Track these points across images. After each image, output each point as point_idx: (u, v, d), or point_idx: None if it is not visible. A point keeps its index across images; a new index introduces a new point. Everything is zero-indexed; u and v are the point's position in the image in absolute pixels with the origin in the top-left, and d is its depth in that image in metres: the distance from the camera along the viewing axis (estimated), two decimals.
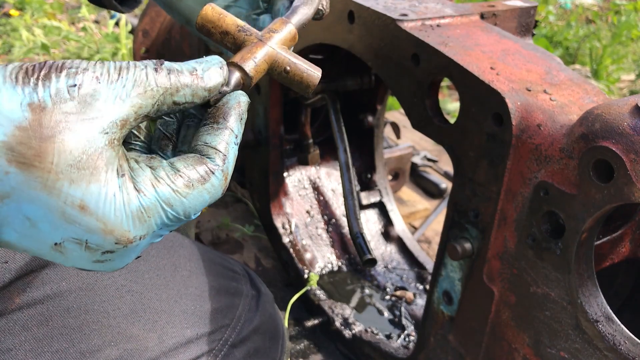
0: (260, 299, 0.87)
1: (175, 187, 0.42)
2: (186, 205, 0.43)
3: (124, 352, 0.68)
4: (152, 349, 0.70)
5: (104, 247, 0.41)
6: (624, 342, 0.58)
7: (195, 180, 0.43)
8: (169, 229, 0.45)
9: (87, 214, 0.39)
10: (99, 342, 0.67)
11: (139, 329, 0.70)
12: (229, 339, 0.79)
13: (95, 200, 0.39)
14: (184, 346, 0.73)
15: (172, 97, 0.43)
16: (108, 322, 0.68)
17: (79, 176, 0.38)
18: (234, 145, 0.46)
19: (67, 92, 0.38)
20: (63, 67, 0.39)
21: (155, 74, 0.42)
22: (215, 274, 0.83)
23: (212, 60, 0.46)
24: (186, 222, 0.46)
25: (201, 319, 0.77)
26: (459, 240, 0.74)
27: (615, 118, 0.53)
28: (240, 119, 0.47)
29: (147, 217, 0.42)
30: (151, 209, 0.42)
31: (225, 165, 0.45)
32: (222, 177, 0.45)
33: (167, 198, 0.42)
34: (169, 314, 0.74)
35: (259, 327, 0.84)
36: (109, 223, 0.40)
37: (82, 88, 0.39)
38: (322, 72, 0.53)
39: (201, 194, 0.44)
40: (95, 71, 0.40)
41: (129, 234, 0.41)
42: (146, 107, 0.42)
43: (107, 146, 0.40)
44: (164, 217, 0.43)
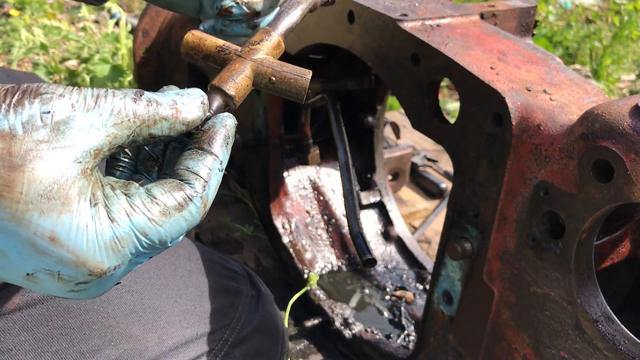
0: (260, 299, 0.87)
1: (150, 215, 0.41)
2: (162, 234, 0.42)
3: (124, 352, 0.68)
4: (152, 349, 0.70)
5: (77, 279, 0.40)
6: (623, 342, 0.58)
7: (172, 207, 0.42)
8: (146, 257, 0.44)
9: (58, 245, 0.38)
10: (99, 342, 0.67)
11: (139, 329, 0.70)
12: (228, 339, 0.79)
13: (66, 232, 0.38)
14: (184, 346, 0.73)
15: (149, 130, 0.42)
16: (108, 322, 0.68)
17: (50, 207, 0.37)
18: (217, 171, 0.45)
19: (40, 120, 0.37)
20: (37, 93, 0.38)
21: (134, 104, 0.41)
22: (215, 274, 0.83)
23: (193, 93, 0.45)
24: (163, 249, 0.44)
25: (201, 319, 0.77)
26: (459, 240, 0.74)
27: (616, 118, 0.53)
28: (226, 143, 0.46)
29: (121, 247, 0.40)
30: (125, 239, 0.40)
31: (205, 192, 0.44)
32: (200, 205, 0.43)
33: (142, 227, 0.41)
34: (168, 314, 0.74)
35: (259, 327, 0.84)
36: (81, 255, 0.39)
37: (56, 115, 0.37)
38: (322, 72, 0.53)
39: (178, 221, 0.42)
40: (72, 98, 0.39)
41: (103, 265, 0.40)
42: (121, 138, 0.40)
43: (79, 175, 0.38)
44: (139, 246, 0.41)
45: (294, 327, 1.22)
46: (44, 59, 2.56)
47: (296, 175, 1.37)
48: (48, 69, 2.34)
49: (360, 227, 0.94)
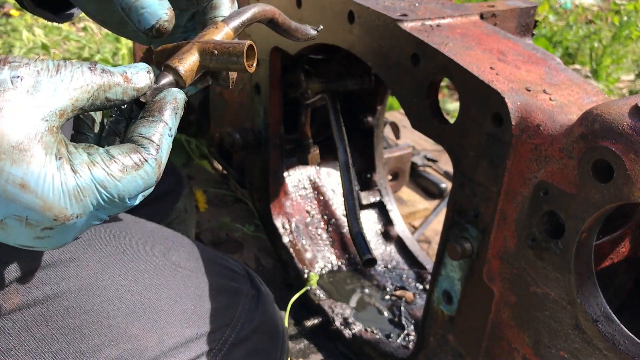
0: (260, 298, 0.87)
1: (109, 171, 0.46)
2: (120, 188, 0.46)
3: (124, 352, 0.68)
4: (151, 349, 0.70)
5: (43, 224, 0.44)
6: (623, 342, 0.58)
7: (129, 166, 0.47)
8: (106, 213, 0.48)
9: (27, 192, 0.42)
10: (99, 342, 0.67)
11: (139, 329, 0.70)
12: (228, 339, 0.79)
13: (35, 180, 0.42)
14: (184, 346, 0.73)
15: (105, 94, 0.47)
16: (108, 322, 0.68)
17: (20, 157, 0.42)
18: (168, 137, 0.50)
19: (11, 83, 0.42)
20: (6, 61, 0.43)
21: (90, 72, 0.46)
22: (215, 273, 0.83)
23: (140, 65, 0.51)
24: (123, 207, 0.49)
25: (201, 319, 0.77)
26: (459, 240, 0.74)
27: (615, 118, 0.53)
28: (175, 113, 0.51)
29: (83, 197, 0.45)
30: (87, 190, 0.45)
31: (158, 155, 0.49)
32: (155, 165, 0.49)
33: (102, 180, 0.45)
34: (168, 313, 0.74)
35: (258, 326, 0.84)
36: (48, 201, 0.43)
37: (25, 80, 0.43)
38: (322, 72, 0.55)
39: (134, 179, 0.47)
40: (37, 66, 0.44)
41: (67, 212, 0.44)
42: (82, 101, 0.46)
43: (46, 132, 0.43)
44: (99, 198, 0.46)
45: (294, 327, 1.22)
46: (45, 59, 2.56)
47: (296, 175, 1.37)
48: None
49: (361, 227, 0.94)
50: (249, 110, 1.26)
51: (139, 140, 0.49)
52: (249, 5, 0.59)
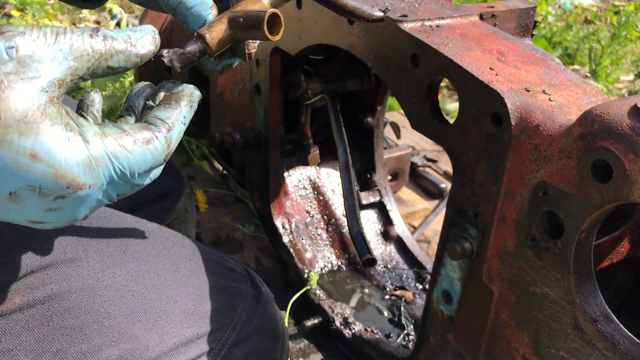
0: (260, 298, 0.87)
1: (121, 142, 0.46)
2: (131, 160, 0.46)
3: (125, 352, 0.68)
4: (152, 349, 0.71)
5: (56, 192, 0.44)
6: (622, 342, 0.58)
7: (140, 140, 0.47)
8: (116, 190, 0.48)
9: (39, 161, 0.42)
10: (100, 342, 0.67)
11: (140, 329, 0.70)
12: (229, 339, 0.79)
13: (45, 150, 0.42)
14: (184, 346, 0.74)
15: (107, 62, 0.46)
16: (109, 322, 0.68)
17: (27, 129, 0.41)
18: (181, 124, 0.51)
19: (6, 54, 0.40)
20: (1, 32, 0.41)
21: (91, 39, 0.44)
22: (215, 274, 0.83)
23: (145, 29, 0.49)
24: (132, 185, 0.49)
25: (201, 319, 0.77)
26: (459, 240, 0.74)
27: (614, 118, 0.53)
28: (190, 106, 0.52)
29: (96, 166, 0.45)
30: (99, 159, 0.45)
31: (169, 134, 0.49)
32: (164, 143, 0.49)
33: (114, 150, 0.45)
34: (169, 314, 0.74)
35: (259, 326, 0.84)
36: (60, 168, 0.43)
37: (20, 50, 0.41)
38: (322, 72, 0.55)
39: (144, 152, 0.47)
40: (32, 34, 0.42)
41: (79, 180, 0.44)
42: (82, 70, 0.44)
43: (48, 103, 0.42)
44: (112, 170, 0.46)
45: (294, 327, 1.22)
46: None
47: (296, 175, 1.37)
48: None
49: (361, 227, 0.95)
50: (249, 110, 1.26)
51: (153, 121, 0.49)
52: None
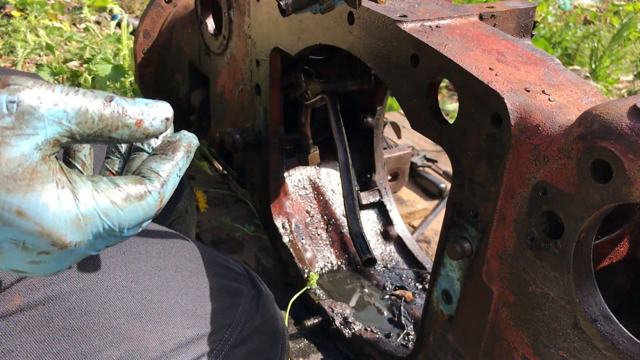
0: (260, 299, 0.87)
1: (113, 199, 0.45)
2: (122, 217, 0.46)
3: (125, 353, 0.68)
4: (153, 350, 0.71)
5: (41, 248, 0.43)
6: (622, 342, 0.58)
7: (132, 195, 0.46)
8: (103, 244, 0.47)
9: (25, 218, 0.41)
10: (100, 343, 0.67)
11: (140, 329, 0.70)
12: (229, 340, 0.79)
13: (33, 208, 0.41)
14: (185, 347, 0.74)
15: (110, 133, 0.45)
16: (109, 323, 0.68)
17: (16, 186, 0.40)
18: (176, 176, 0.50)
19: (6, 108, 0.40)
20: (6, 83, 0.40)
21: (102, 108, 0.43)
22: (216, 274, 0.83)
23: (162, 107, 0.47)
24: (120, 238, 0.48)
25: (202, 320, 0.77)
26: (458, 240, 0.74)
27: (614, 118, 0.53)
28: (187, 156, 0.52)
29: (84, 225, 0.44)
30: (89, 217, 0.44)
31: (163, 189, 0.49)
32: (157, 198, 0.48)
33: (105, 208, 0.45)
34: (169, 314, 0.74)
35: (259, 327, 0.84)
36: (46, 227, 0.42)
37: (22, 105, 0.40)
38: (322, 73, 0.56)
39: (136, 209, 0.47)
40: (39, 91, 0.41)
41: (66, 238, 0.43)
42: (82, 135, 0.43)
43: (40, 161, 0.42)
44: (100, 227, 0.45)
45: (294, 327, 1.22)
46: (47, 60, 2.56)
47: (296, 175, 1.37)
48: (52, 69, 2.34)
49: (361, 227, 0.95)
50: (249, 110, 1.27)
51: (147, 173, 0.49)
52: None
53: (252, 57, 1.17)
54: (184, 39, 1.52)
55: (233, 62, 1.28)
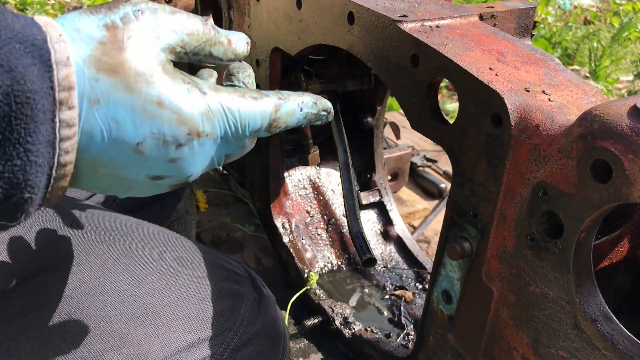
0: (262, 301, 0.87)
1: (233, 97, 0.51)
2: (242, 114, 0.51)
3: (126, 357, 0.68)
4: (154, 354, 0.71)
5: (178, 139, 0.48)
6: (622, 342, 0.58)
7: (250, 98, 0.52)
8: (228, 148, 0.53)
9: (164, 108, 0.47)
10: (101, 347, 0.67)
11: (141, 334, 0.70)
12: (230, 343, 0.79)
13: (169, 98, 0.47)
14: (186, 351, 0.74)
15: (210, 48, 0.52)
16: (110, 327, 0.68)
17: (153, 79, 0.46)
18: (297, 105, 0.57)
19: (133, 15, 0.47)
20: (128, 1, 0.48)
21: (202, 24, 0.51)
22: (217, 277, 0.83)
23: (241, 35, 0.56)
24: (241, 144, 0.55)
25: (203, 323, 0.77)
26: (458, 240, 0.74)
27: (614, 118, 0.54)
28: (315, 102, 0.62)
29: (212, 116, 0.50)
30: (215, 111, 0.50)
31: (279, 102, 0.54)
32: (272, 109, 0.54)
33: (228, 104, 0.51)
34: (170, 318, 0.74)
35: (260, 330, 0.84)
36: (182, 115, 0.48)
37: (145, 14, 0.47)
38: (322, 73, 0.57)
39: (254, 111, 0.52)
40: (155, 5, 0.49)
41: (199, 127, 0.49)
42: (190, 45, 0.50)
43: (166, 61, 0.48)
44: (226, 121, 0.51)
45: (294, 327, 1.22)
46: None
47: (296, 175, 1.37)
48: None
49: (361, 227, 0.95)
50: None
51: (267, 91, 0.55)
52: None
53: (252, 57, 1.17)
54: None
55: None
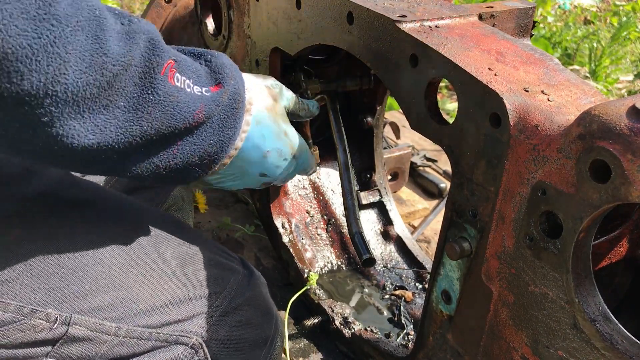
0: (252, 277, 0.89)
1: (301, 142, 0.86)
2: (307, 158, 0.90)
3: (116, 299, 0.70)
4: (143, 302, 0.72)
5: (285, 155, 0.81)
6: (621, 341, 0.58)
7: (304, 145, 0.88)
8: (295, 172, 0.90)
9: (287, 136, 0.81)
10: (92, 286, 0.69)
11: (132, 280, 0.73)
12: (220, 306, 0.81)
13: (290, 132, 0.82)
14: (175, 305, 0.75)
15: (299, 111, 0.90)
16: (101, 269, 0.70)
17: (283, 120, 0.81)
18: None
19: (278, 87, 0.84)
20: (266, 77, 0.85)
21: (295, 99, 0.88)
22: (208, 249, 0.86)
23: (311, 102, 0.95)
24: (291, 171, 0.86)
25: (193, 283, 0.79)
26: (458, 240, 0.74)
27: (613, 119, 0.54)
28: None
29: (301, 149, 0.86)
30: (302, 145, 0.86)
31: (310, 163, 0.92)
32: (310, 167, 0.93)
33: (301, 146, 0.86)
34: (161, 271, 0.76)
35: (250, 299, 0.86)
36: (293, 143, 0.83)
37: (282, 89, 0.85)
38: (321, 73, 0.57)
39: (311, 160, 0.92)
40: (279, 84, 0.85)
41: (297, 153, 0.84)
42: (291, 108, 0.88)
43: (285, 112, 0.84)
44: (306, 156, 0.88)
45: (293, 326, 1.22)
46: None
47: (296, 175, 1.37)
48: None
49: (360, 227, 0.95)
50: None
51: None
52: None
53: (252, 57, 1.17)
54: (184, 39, 1.52)
55: None
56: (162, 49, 0.61)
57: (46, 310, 0.65)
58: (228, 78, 0.69)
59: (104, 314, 0.69)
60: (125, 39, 0.55)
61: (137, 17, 0.59)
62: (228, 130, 0.69)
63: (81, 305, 0.67)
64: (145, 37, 0.58)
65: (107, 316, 0.69)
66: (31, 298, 0.64)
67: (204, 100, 0.65)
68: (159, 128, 0.61)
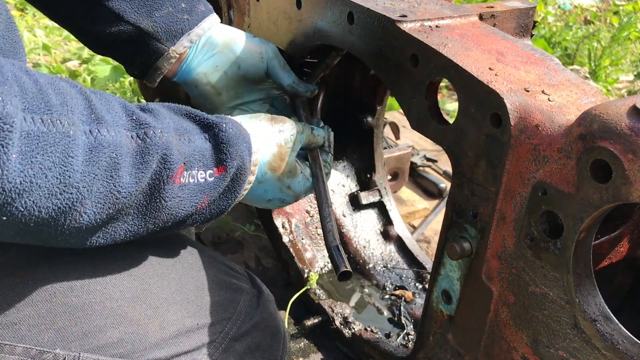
0: (261, 297, 0.88)
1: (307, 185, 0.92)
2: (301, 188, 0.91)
3: (125, 334, 0.69)
4: (152, 335, 0.71)
5: (288, 202, 0.89)
6: (622, 341, 0.58)
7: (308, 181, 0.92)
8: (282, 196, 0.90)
9: (290, 190, 0.88)
10: (101, 323, 0.68)
11: (140, 313, 0.71)
12: (229, 332, 0.80)
13: (294, 185, 0.88)
14: (185, 335, 0.74)
15: (310, 145, 0.93)
16: (110, 304, 0.70)
17: (289, 175, 0.87)
18: None
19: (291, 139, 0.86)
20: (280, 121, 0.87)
21: (310, 134, 0.91)
22: (216, 269, 0.84)
23: (322, 131, 0.96)
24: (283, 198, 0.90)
25: (202, 310, 0.78)
26: (458, 240, 0.74)
27: (613, 118, 0.54)
28: None
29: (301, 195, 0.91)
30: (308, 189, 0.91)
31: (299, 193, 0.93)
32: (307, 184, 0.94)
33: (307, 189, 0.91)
34: (169, 302, 0.75)
35: (259, 323, 0.85)
36: (297, 195, 0.90)
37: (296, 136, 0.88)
38: None
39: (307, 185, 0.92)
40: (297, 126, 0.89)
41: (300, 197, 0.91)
42: (304, 144, 0.91)
43: (295, 163, 0.88)
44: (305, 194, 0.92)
45: (294, 326, 1.22)
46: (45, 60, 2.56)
47: None
48: (50, 69, 2.34)
49: (337, 240, 0.89)
50: None
51: None
52: None
53: None
54: None
55: None
56: (173, 162, 0.64)
57: (54, 351, 0.64)
58: (232, 159, 0.72)
59: (113, 350, 0.68)
60: (139, 163, 0.60)
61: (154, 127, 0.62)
62: (227, 201, 0.76)
63: (90, 344, 0.66)
64: (158, 155, 0.62)
65: (116, 352, 0.68)
66: (38, 339, 0.64)
67: (207, 190, 0.71)
68: (164, 225, 0.68)
